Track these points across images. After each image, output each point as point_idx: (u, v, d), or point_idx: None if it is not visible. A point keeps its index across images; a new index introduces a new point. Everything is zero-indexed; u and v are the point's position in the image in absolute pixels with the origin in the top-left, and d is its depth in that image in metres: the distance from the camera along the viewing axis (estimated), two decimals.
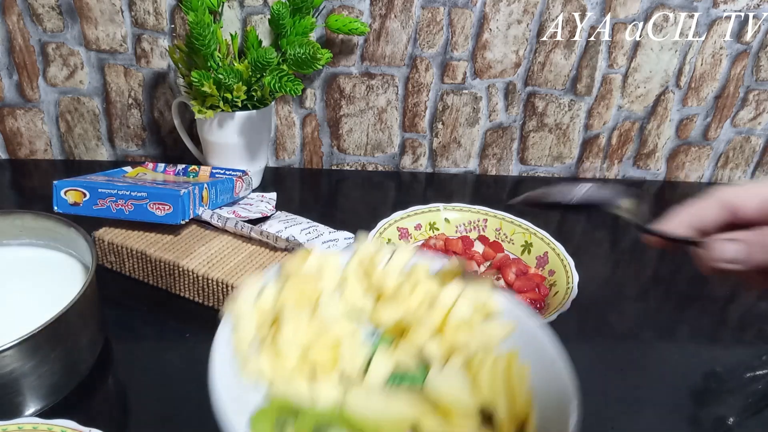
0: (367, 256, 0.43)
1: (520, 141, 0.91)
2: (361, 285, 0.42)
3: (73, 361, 0.47)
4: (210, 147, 0.78)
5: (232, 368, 0.37)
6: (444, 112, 0.88)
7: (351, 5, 0.79)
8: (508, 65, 0.84)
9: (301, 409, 0.36)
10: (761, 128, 0.92)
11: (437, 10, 0.80)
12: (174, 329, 0.56)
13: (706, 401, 0.52)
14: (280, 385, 0.37)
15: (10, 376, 0.41)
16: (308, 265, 0.41)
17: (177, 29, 0.80)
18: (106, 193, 0.60)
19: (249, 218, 0.70)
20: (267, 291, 0.40)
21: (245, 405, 0.36)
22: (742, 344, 0.60)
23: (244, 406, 0.35)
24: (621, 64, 0.85)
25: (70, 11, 0.78)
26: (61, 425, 0.40)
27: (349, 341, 0.39)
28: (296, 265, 0.41)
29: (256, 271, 0.57)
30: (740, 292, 0.68)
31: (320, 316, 0.40)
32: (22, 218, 0.53)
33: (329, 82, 0.84)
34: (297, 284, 0.40)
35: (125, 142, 0.88)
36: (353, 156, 0.91)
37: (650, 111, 0.89)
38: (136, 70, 0.82)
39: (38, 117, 0.85)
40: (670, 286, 0.69)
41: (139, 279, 0.61)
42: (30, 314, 0.45)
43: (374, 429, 0.35)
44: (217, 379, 0.35)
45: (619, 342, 0.58)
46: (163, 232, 0.62)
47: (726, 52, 0.85)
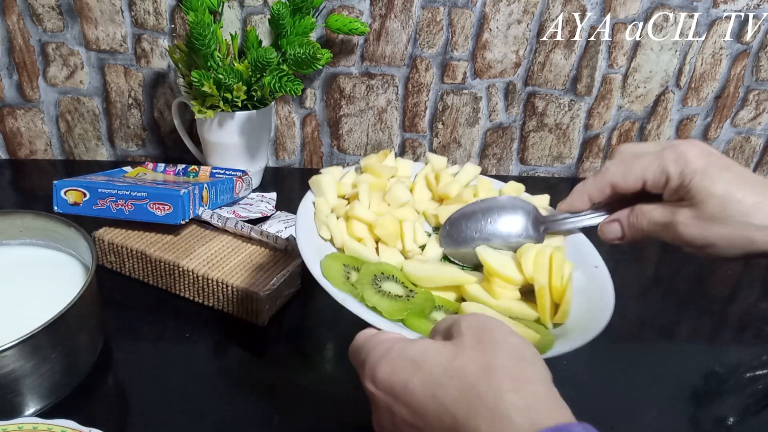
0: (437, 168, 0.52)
1: (520, 141, 0.91)
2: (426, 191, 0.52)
3: (73, 361, 0.47)
4: (210, 147, 0.78)
5: (312, 227, 0.45)
6: (444, 112, 0.88)
7: (351, 5, 0.79)
8: (508, 65, 0.84)
9: (365, 262, 0.43)
10: (761, 128, 0.92)
11: (437, 10, 0.80)
12: (174, 329, 0.56)
13: (706, 401, 0.52)
14: (349, 246, 0.44)
15: (10, 376, 0.41)
16: (386, 162, 0.51)
17: (177, 29, 0.80)
18: (106, 193, 0.60)
19: (249, 218, 0.70)
20: (347, 175, 0.50)
21: (320, 252, 0.43)
22: (742, 344, 0.60)
23: (319, 252, 0.43)
24: (621, 64, 0.85)
25: (70, 11, 0.78)
26: (61, 425, 0.40)
27: (410, 225, 0.47)
28: (375, 160, 0.50)
29: (256, 271, 0.57)
30: (740, 292, 0.68)
31: (390, 199, 0.48)
32: (23, 218, 0.53)
33: (329, 82, 0.84)
34: (373, 173, 0.49)
35: (125, 142, 0.88)
36: (353, 156, 0.91)
37: (650, 111, 0.89)
38: (136, 70, 0.82)
39: (38, 117, 0.85)
40: (670, 286, 0.69)
41: (139, 279, 0.61)
42: (30, 314, 0.45)
43: (426, 281, 0.43)
44: (300, 230, 0.43)
45: (619, 342, 0.58)
46: (163, 232, 0.62)
47: (726, 52, 0.85)
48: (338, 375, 0.53)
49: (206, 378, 0.51)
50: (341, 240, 0.45)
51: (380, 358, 0.32)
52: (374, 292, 0.40)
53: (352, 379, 0.40)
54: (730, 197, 0.38)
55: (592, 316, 0.40)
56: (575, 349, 0.38)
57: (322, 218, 0.46)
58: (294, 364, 0.53)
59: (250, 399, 0.49)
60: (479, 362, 0.29)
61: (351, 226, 0.46)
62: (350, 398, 0.47)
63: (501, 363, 0.29)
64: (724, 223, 0.38)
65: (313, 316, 0.60)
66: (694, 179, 0.39)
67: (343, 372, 0.41)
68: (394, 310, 0.39)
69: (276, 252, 0.61)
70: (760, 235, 0.38)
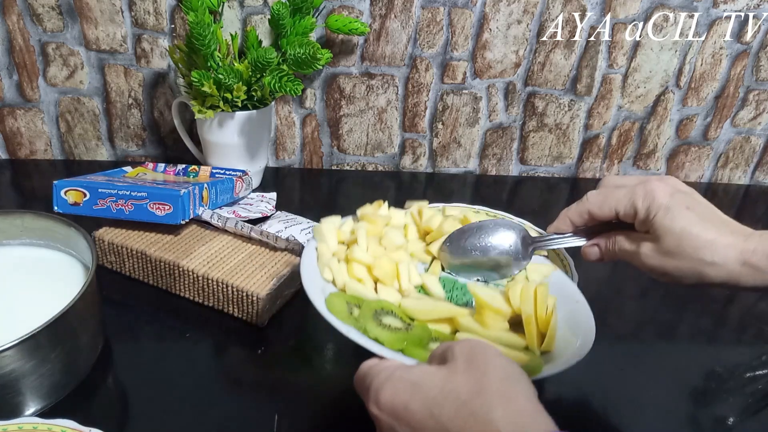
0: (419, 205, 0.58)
1: (520, 141, 0.91)
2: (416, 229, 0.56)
3: (73, 361, 0.47)
4: (210, 147, 0.78)
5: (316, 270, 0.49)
6: (444, 112, 0.88)
7: (351, 5, 0.79)
8: (508, 65, 0.84)
9: (366, 300, 0.47)
10: (761, 128, 0.92)
11: (437, 10, 0.80)
12: (174, 329, 0.56)
13: (706, 401, 0.52)
14: (350, 286, 0.48)
15: (10, 376, 0.41)
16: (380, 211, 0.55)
17: (177, 29, 0.80)
18: (106, 193, 0.60)
19: (249, 218, 0.70)
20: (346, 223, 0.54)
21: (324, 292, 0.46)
22: (742, 344, 0.60)
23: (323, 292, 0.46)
24: (621, 64, 0.85)
25: (70, 11, 0.78)
26: (61, 425, 0.40)
27: (405, 266, 0.51)
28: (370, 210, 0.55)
29: (256, 271, 0.57)
30: (740, 293, 0.68)
31: (386, 243, 0.52)
32: (23, 218, 0.53)
33: (329, 82, 0.84)
34: (370, 221, 0.53)
35: (125, 142, 0.88)
36: (353, 156, 0.91)
37: (650, 111, 0.89)
38: (136, 70, 0.82)
39: (38, 117, 0.85)
40: (670, 286, 0.69)
41: (139, 279, 0.61)
42: (30, 314, 0.45)
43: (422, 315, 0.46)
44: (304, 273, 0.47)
45: (619, 342, 0.58)
46: (163, 232, 0.62)
47: (726, 52, 0.85)
48: (338, 375, 0.53)
49: (206, 378, 0.51)
50: (343, 281, 0.49)
51: (383, 383, 0.35)
52: (376, 325, 0.43)
53: (351, 379, 0.40)
54: (686, 235, 0.42)
55: (575, 342, 0.44)
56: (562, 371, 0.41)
57: (324, 261, 0.50)
58: (294, 364, 0.53)
59: (249, 399, 0.49)
60: (471, 383, 0.32)
61: (351, 267, 0.50)
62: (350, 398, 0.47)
63: (490, 382, 0.32)
64: (679, 257, 0.43)
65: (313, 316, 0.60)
66: (657, 215, 0.43)
67: (342, 372, 0.41)
68: (394, 341, 0.42)
69: (276, 252, 0.61)
70: (710, 270, 0.42)
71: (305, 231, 0.68)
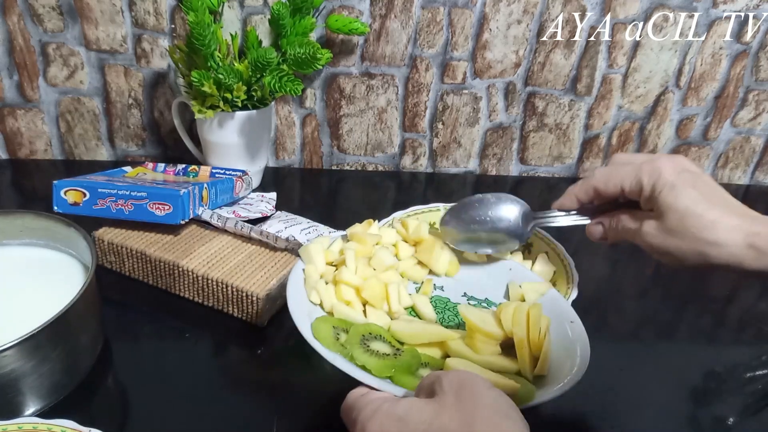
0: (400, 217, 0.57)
1: (520, 141, 0.91)
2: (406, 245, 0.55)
3: (73, 361, 0.47)
4: (210, 147, 0.78)
5: (302, 293, 0.48)
6: (444, 112, 0.88)
7: (351, 5, 0.79)
8: (508, 65, 0.84)
9: (354, 324, 0.45)
10: (761, 128, 0.92)
11: (437, 10, 0.80)
12: (174, 329, 0.56)
13: (706, 401, 0.52)
14: (338, 309, 0.47)
15: (10, 375, 0.41)
16: (370, 231, 0.54)
17: (177, 29, 0.80)
18: (106, 193, 0.60)
19: (249, 218, 0.70)
20: (334, 243, 0.53)
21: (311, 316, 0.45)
22: (742, 344, 0.60)
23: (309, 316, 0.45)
24: (621, 64, 0.85)
25: (70, 11, 0.78)
26: (61, 425, 0.40)
27: (395, 287, 0.50)
28: (359, 229, 0.53)
29: (256, 271, 0.57)
30: (740, 293, 0.68)
31: (375, 264, 0.51)
32: (23, 218, 0.54)
33: (329, 82, 0.85)
34: (359, 241, 0.52)
35: (125, 142, 0.88)
36: (353, 156, 0.91)
37: (650, 111, 0.89)
38: (136, 70, 0.82)
39: (38, 117, 0.85)
40: (670, 286, 0.69)
41: (139, 279, 0.61)
42: (30, 314, 0.45)
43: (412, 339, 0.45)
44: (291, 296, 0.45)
45: (619, 342, 0.58)
46: (163, 232, 0.62)
47: (726, 52, 0.85)
48: (338, 375, 0.53)
49: (206, 378, 0.51)
50: (330, 303, 0.48)
51: (369, 417, 0.34)
52: (363, 351, 0.42)
53: (351, 379, 0.40)
54: (689, 213, 0.41)
55: (570, 365, 0.43)
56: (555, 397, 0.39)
57: (311, 284, 0.48)
58: (294, 364, 0.53)
59: (249, 399, 0.49)
60: (460, 419, 0.31)
61: (339, 290, 0.48)
62: None
63: (479, 418, 0.31)
64: (681, 236, 0.42)
65: None
66: (662, 192, 0.43)
67: (342, 372, 0.41)
68: (382, 368, 0.41)
69: (276, 252, 0.61)
70: (712, 250, 0.41)
71: (305, 231, 0.68)
